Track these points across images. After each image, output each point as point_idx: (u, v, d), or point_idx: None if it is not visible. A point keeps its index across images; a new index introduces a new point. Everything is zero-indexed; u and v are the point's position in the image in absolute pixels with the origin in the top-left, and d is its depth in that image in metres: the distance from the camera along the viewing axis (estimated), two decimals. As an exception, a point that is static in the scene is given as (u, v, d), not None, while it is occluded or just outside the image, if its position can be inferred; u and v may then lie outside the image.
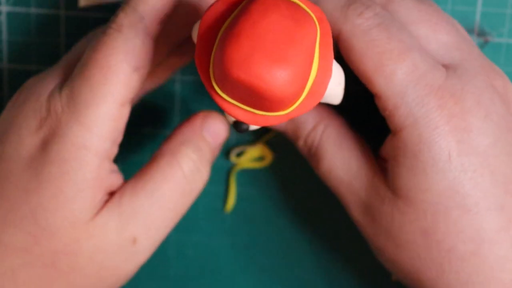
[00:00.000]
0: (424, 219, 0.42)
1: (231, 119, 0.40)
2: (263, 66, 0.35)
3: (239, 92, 0.36)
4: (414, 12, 0.43)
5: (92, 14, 0.50)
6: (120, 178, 0.44)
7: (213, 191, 0.52)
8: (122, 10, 0.42)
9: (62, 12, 0.50)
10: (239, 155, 0.52)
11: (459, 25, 0.45)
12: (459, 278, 0.42)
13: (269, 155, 0.51)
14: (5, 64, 0.51)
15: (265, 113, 0.38)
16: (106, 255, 0.43)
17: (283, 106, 0.37)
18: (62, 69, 0.44)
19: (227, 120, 0.40)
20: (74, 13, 0.50)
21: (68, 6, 0.50)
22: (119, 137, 0.43)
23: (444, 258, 0.42)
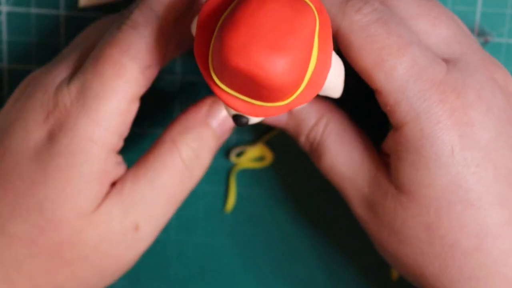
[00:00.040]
0: (427, 214, 0.42)
1: (231, 112, 0.40)
2: (262, 54, 0.35)
3: (238, 81, 0.36)
4: (413, 6, 0.43)
5: (92, 14, 0.50)
6: (124, 168, 0.44)
7: (213, 191, 0.52)
8: (137, 8, 0.42)
9: (62, 12, 0.50)
10: (239, 155, 0.52)
11: (459, 20, 0.45)
12: (462, 273, 0.42)
13: (269, 155, 0.51)
14: (5, 64, 0.51)
15: (264, 104, 0.37)
16: (110, 243, 0.43)
17: (282, 96, 0.37)
18: (68, 62, 0.44)
19: (228, 113, 0.40)
20: (74, 13, 0.50)
21: (68, 6, 0.50)
22: (125, 132, 0.43)
23: (447, 253, 0.42)
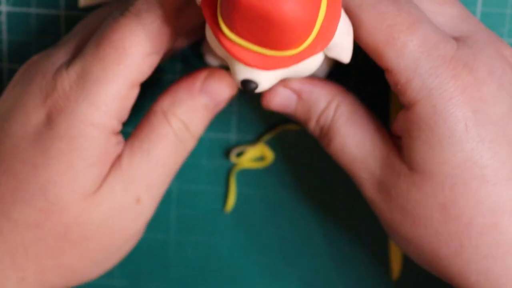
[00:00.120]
0: (441, 193, 0.41)
1: (239, 78, 0.40)
2: None
3: (248, 25, 0.36)
4: None
5: (92, 14, 0.50)
6: (123, 145, 0.44)
7: (213, 191, 0.52)
8: None
9: (62, 12, 0.50)
10: (239, 155, 0.52)
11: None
12: (478, 253, 0.41)
13: (269, 155, 0.51)
14: (5, 64, 0.51)
15: (275, 53, 0.37)
16: (115, 218, 0.44)
17: (294, 40, 0.37)
18: (68, 47, 0.44)
19: (236, 80, 0.40)
20: (74, 13, 0.50)
21: (68, 6, 0.50)
22: (125, 116, 0.43)
23: (462, 232, 0.41)
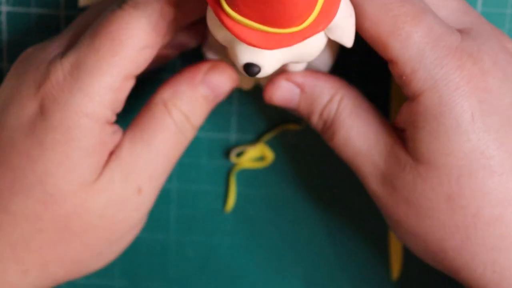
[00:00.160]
0: (448, 184, 0.41)
1: (241, 61, 0.40)
2: None
3: (250, 1, 0.36)
4: None
5: (92, 14, 0.50)
6: (120, 134, 0.44)
7: (213, 191, 0.52)
8: None
9: (62, 12, 0.50)
10: (239, 155, 0.52)
11: None
12: (485, 244, 0.41)
13: (269, 155, 0.51)
14: (5, 64, 0.51)
15: (278, 31, 0.37)
16: (116, 208, 0.44)
17: (295, 16, 0.37)
18: (64, 39, 0.44)
19: (238, 64, 0.40)
20: (74, 13, 0.50)
21: (68, 6, 0.50)
22: (119, 107, 0.43)
23: (469, 224, 0.41)
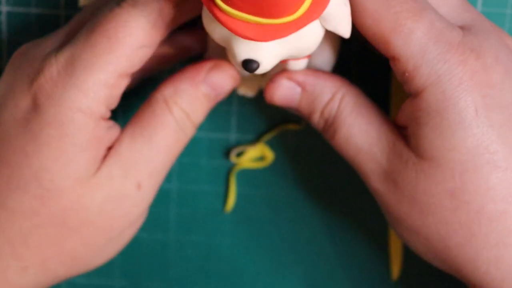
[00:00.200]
0: (451, 180, 0.41)
1: (240, 58, 0.40)
2: None
3: None
4: None
5: (92, 14, 0.50)
6: (117, 130, 0.44)
7: (213, 191, 0.52)
8: None
9: (62, 12, 0.50)
10: (239, 155, 0.52)
11: None
12: (489, 241, 0.41)
13: (269, 155, 0.51)
14: (5, 64, 0.51)
15: (271, 21, 0.38)
16: (114, 203, 0.44)
17: (289, 6, 0.37)
18: (59, 36, 0.45)
19: (237, 62, 0.40)
20: (74, 13, 0.50)
21: (68, 6, 0.50)
22: (114, 104, 0.43)
23: (473, 220, 0.41)
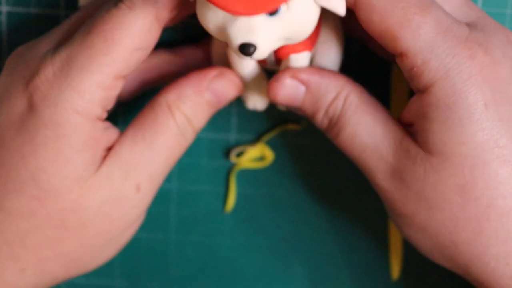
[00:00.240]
0: (461, 175, 0.41)
1: (236, 43, 0.40)
2: None
3: None
4: None
5: (92, 14, 0.50)
6: (115, 131, 0.44)
7: (213, 191, 0.52)
8: None
9: (62, 12, 0.50)
10: (239, 155, 0.52)
11: None
12: (498, 236, 0.41)
13: (269, 155, 0.51)
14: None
15: None
16: (113, 205, 0.44)
17: None
18: (54, 37, 0.45)
19: (233, 47, 0.40)
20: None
21: (68, 6, 0.50)
22: (109, 105, 0.43)
23: (482, 215, 0.41)
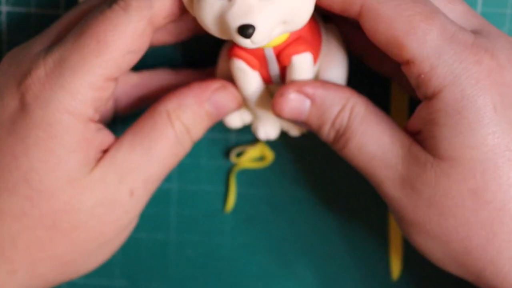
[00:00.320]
0: (473, 179, 0.41)
1: (235, 25, 0.40)
2: None
3: None
4: None
5: (92, 14, 0.50)
6: (110, 134, 0.44)
7: (213, 191, 0.52)
8: None
9: (62, 12, 0.50)
10: (239, 155, 0.52)
11: None
12: (511, 240, 0.41)
13: (269, 155, 0.51)
14: (5, 64, 0.51)
15: None
16: (106, 208, 0.43)
17: None
18: (47, 38, 0.44)
19: (232, 30, 0.40)
20: (74, 13, 0.50)
21: (68, 6, 0.50)
22: (101, 106, 0.43)
23: (494, 219, 0.41)
